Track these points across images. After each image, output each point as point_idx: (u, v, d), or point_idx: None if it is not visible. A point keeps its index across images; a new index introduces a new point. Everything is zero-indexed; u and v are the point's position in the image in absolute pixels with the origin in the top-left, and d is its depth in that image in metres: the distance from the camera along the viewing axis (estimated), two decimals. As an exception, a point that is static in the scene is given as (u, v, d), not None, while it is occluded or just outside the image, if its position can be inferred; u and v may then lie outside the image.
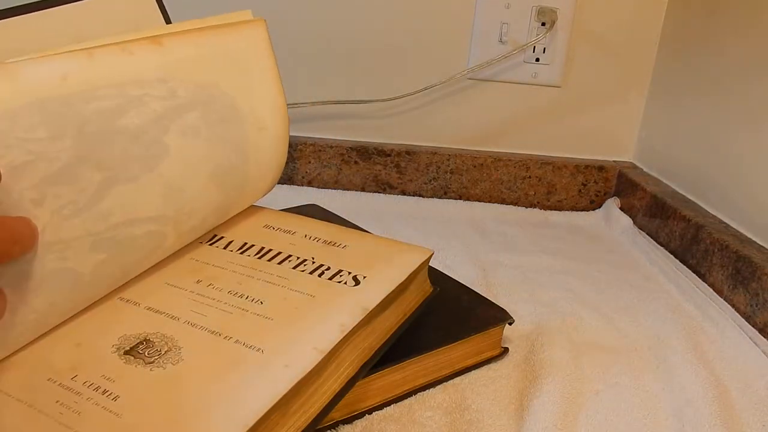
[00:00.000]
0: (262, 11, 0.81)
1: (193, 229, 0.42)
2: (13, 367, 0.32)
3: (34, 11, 0.40)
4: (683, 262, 0.69)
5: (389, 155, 0.85)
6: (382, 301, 0.38)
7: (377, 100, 0.84)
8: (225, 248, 0.44)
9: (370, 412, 0.41)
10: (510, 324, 0.49)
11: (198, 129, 0.39)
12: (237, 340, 0.34)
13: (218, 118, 0.41)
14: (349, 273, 0.40)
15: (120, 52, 0.35)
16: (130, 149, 0.35)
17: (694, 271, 0.67)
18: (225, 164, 0.42)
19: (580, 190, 0.87)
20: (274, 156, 0.47)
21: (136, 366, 0.32)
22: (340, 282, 0.40)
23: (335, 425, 0.39)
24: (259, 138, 0.44)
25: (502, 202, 0.87)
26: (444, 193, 0.86)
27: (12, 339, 0.32)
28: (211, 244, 0.44)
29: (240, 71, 0.43)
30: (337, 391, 0.36)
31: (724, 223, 0.68)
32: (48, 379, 0.31)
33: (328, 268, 0.41)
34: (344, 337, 0.35)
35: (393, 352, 0.41)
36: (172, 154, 0.38)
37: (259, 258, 0.43)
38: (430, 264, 0.45)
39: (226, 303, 0.37)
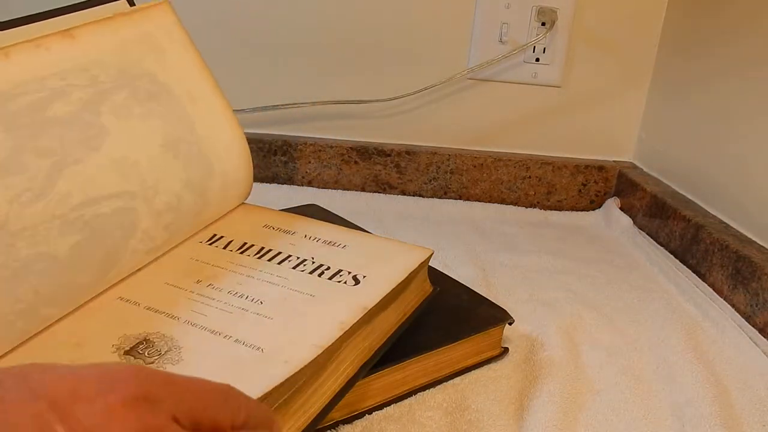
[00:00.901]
0: (263, 11, 0.81)
1: (169, 207, 0.42)
2: (13, 367, 0.32)
3: (22, 25, 0.40)
4: (683, 262, 0.69)
5: (389, 155, 0.85)
6: (381, 301, 0.38)
7: (377, 100, 0.84)
8: (225, 248, 0.44)
9: (370, 412, 0.41)
10: (510, 324, 0.49)
11: (130, 107, 0.42)
12: (237, 340, 0.34)
13: (147, 94, 0.43)
14: (349, 273, 0.40)
15: (34, 48, 0.38)
16: (66, 135, 0.37)
17: (694, 271, 0.67)
18: (173, 135, 0.44)
19: (580, 190, 0.87)
20: (226, 126, 0.48)
21: (136, 366, 0.32)
22: (339, 282, 0.40)
23: (335, 425, 0.39)
24: (197, 108, 0.47)
25: (502, 202, 0.87)
26: (444, 193, 0.86)
27: (4, 332, 0.32)
28: (210, 244, 0.44)
29: (156, 49, 0.45)
30: (337, 391, 0.36)
31: (724, 223, 0.68)
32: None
33: (328, 268, 0.41)
34: (344, 335, 0.35)
35: (393, 352, 0.41)
36: (112, 133, 0.40)
37: (259, 258, 0.43)
38: (430, 264, 0.45)
39: (226, 303, 0.37)
